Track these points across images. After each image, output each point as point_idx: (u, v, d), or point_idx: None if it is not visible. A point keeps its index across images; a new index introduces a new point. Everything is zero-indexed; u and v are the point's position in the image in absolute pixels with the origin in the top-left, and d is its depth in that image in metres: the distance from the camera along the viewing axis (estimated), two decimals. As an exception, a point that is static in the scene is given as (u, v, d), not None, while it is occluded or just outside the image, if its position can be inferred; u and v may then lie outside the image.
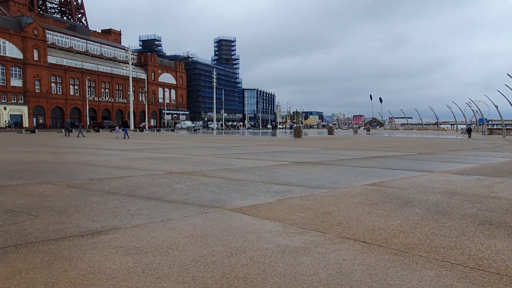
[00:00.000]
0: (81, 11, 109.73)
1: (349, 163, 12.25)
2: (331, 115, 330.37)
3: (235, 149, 18.18)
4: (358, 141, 29.33)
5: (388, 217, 4.80)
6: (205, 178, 8.33)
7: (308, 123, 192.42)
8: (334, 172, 9.63)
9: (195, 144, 22.92)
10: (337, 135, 46.32)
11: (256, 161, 12.29)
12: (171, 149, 17.63)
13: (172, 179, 7.93)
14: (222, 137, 36.11)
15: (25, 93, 66.51)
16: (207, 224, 4.48)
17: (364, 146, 22.53)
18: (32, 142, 23.57)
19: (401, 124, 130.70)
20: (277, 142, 26.81)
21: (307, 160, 12.86)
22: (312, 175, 9.08)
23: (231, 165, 11.16)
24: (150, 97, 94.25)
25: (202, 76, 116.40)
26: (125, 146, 19.89)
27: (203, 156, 13.88)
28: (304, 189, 7.04)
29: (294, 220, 4.63)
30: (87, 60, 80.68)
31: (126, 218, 4.76)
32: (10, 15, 70.43)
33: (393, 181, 8.00)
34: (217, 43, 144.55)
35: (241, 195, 6.35)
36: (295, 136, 34.66)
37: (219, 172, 9.45)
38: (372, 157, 14.39)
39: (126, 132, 31.43)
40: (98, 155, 14.19)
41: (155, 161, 11.80)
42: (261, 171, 9.76)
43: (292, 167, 10.79)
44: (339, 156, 14.90)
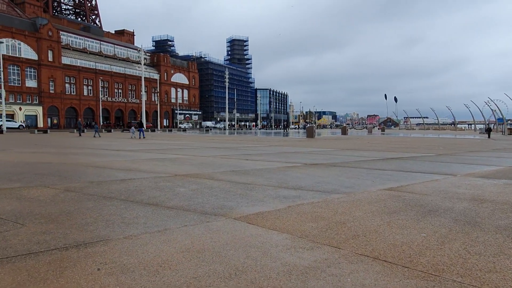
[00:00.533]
0: (95, 13, 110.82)
1: (364, 165, 11.67)
2: (345, 115, 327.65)
3: (246, 150, 17.72)
4: (373, 141, 28.58)
5: (411, 228, 4.26)
6: (211, 181, 7.88)
7: (321, 123, 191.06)
8: (348, 175, 9.08)
9: (205, 144, 22.54)
10: (351, 135, 45.50)
11: (266, 163, 11.80)
12: (179, 150, 17.27)
13: (176, 183, 7.50)
14: (233, 137, 35.71)
15: (40, 93, 67.32)
16: (207, 235, 4.02)
17: (380, 146, 21.84)
18: (42, 142, 23.52)
19: (417, 124, 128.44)
20: (289, 142, 26.27)
21: (320, 162, 12.32)
22: (325, 178, 8.55)
23: (239, 167, 10.69)
24: (163, 97, 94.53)
25: (214, 76, 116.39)
26: (134, 147, 19.62)
27: (211, 157, 13.45)
28: (316, 194, 6.52)
29: (304, 232, 4.13)
30: (101, 60, 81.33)
31: (119, 227, 4.33)
32: (26, 16, 71.39)
33: (413, 186, 7.42)
34: (229, 43, 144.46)
35: (248, 201, 5.87)
36: (307, 136, 34.04)
37: (227, 174, 8.99)
38: (388, 159, 13.76)
39: (141, 132, 31.41)
40: (104, 156, 13.89)
41: (161, 163, 11.42)
42: (271, 173, 9.27)
43: (303, 170, 10.28)
44: (354, 157, 14.31)
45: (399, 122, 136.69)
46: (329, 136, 43.02)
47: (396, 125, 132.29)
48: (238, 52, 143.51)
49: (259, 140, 29.70)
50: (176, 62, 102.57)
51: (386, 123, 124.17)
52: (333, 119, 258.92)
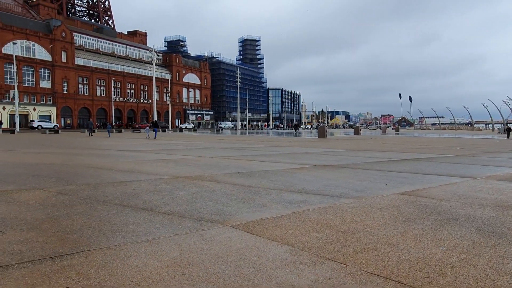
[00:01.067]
0: (108, 14, 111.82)
1: (377, 166, 11.14)
2: (358, 114, 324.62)
3: (254, 151, 17.31)
4: (386, 141, 27.87)
5: (428, 240, 3.78)
6: (213, 184, 7.49)
7: (334, 123, 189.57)
8: (359, 178, 8.59)
9: (214, 145, 22.21)
10: (364, 135, 44.69)
11: (274, 164, 11.37)
12: (186, 150, 16.95)
13: (176, 185, 7.13)
14: (243, 138, 35.34)
15: (54, 94, 68.08)
16: (199, 246, 3.61)
17: (394, 147, 21.18)
18: (50, 143, 23.50)
19: (432, 124, 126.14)
20: (300, 142, 25.77)
21: (330, 163, 11.83)
22: (334, 181, 8.09)
23: (245, 168, 10.28)
24: (175, 97, 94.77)
25: (226, 76, 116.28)
26: (141, 147, 19.39)
27: (218, 158, 13.07)
28: (323, 198, 6.07)
29: (307, 243, 3.69)
30: (113, 61, 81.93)
31: (105, 236, 3.96)
32: (40, 18, 72.31)
33: (429, 190, 6.90)
34: (241, 43, 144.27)
35: (250, 206, 5.46)
36: (319, 136, 33.46)
37: (231, 176, 8.59)
38: (402, 160, 13.19)
39: (156, 132, 31.38)
40: (108, 156, 13.64)
41: (165, 164, 11.08)
42: (277, 175, 8.84)
43: (312, 171, 9.81)
44: (366, 158, 13.76)
45: (414, 122, 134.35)
46: (341, 136, 42.32)
47: (411, 125, 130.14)
48: (250, 52, 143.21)
49: (269, 140, 29.26)
50: (188, 62, 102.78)
51: (400, 123, 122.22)
52: (346, 119, 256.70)
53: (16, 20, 64.79)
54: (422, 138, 37.84)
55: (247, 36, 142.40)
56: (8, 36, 61.18)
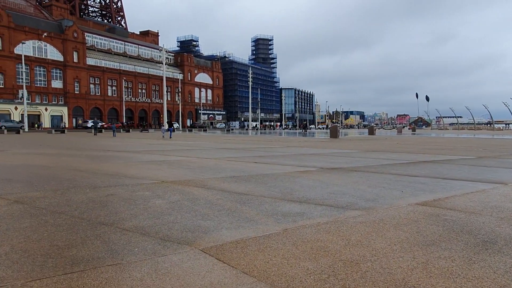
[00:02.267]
0: (121, 14, 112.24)
1: (392, 169, 10.03)
2: (373, 114, 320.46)
3: (259, 151, 16.32)
4: (402, 142, 26.54)
5: (461, 277, 2.73)
6: (200, 190, 6.55)
7: (348, 123, 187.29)
8: (371, 183, 7.53)
9: (219, 145, 21.30)
10: (378, 136, 43.23)
11: (276, 167, 10.37)
12: (187, 151, 16.07)
13: (157, 192, 6.19)
14: (252, 138, 34.38)
15: (65, 94, 68.32)
16: (145, 284, 2.65)
17: (410, 147, 19.92)
18: (50, 143, 22.95)
19: (450, 124, 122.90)
20: (310, 143, 24.67)
21: (339, 166, 10.77)
22: (341, 187, 7.05)
23: (243, 171, 9.32)
24: (187, 97, 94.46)
25: (238, 76, 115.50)
26: (141, 148, 18.61)
27: (216, 160, 12.13)
28: (326, 210, 5.06)
29: (292, 281, 2.69)
30: (125, 61, 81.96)
31: (28, 265, 3.03)
32: (52, 19, 72.70)
33: (454, 199, 5.81)
34: (254, 42, 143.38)
35: (234, 219, 4.48)
36: (331, 136, 32.26)
37: (223, 181, 7.63)
38: (420, 162, 12.03)
39: (171, 131, 31.50)
40: (98, 158, 12.84)
41: (156, 166, 10.19)
42: (276, 180, 7.84)
43: (318, 175, 8.79)
44: (380, 160, 12.64)
45: (431, 122, 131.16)
46: (355, 137, 40.96)
47: (428, 125, 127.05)
48: (262, 52, 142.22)
49: (278, 140, 28.23)
50: (200, 62, 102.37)
51: (417, 123, 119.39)
52: (361, 119, 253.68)
53: (28, 21, 65.19)
54: (440, 138, 36.27)
55: (260, 35, 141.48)
56: (20, 36, 61.52)
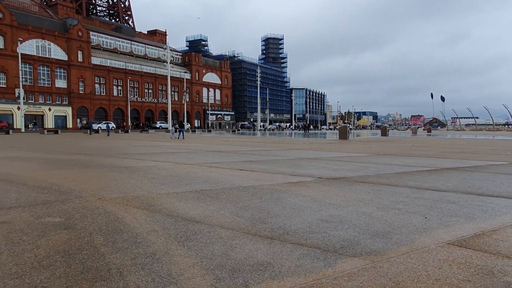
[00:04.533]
0: (128, 13, 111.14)
1: (409, 180, 7.69)
2: (386, 115, 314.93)
3: (253, 155, 14.04)
4: (418, 144, 23.91)
5: None
6: (138, 214, 4.42)
7: (360, 123, 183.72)
8: (382, 202, 5.23)
9: (214, 147, 19.09)
10: (392, 137, 40.43)
11: (264, 176, 8.13)
12: (170, 155, 13.92)
13: (72, 218, 3.95)
14: (253, 139, 32.07)
15: (69, 94, 67.04)
16: None
17: (428, 150, 17.38)
18: (27, 144, 21.07)
19: (466, 125, 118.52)
20: (315, 145, 22.27)
21: (343, 175, 8.44)
22: (340, 208, 4.79)
23: (218, 183, 7.14)
24: (194, 97, 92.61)
25: (248, 76, 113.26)
26: (123, 150, 16.50)
27: (195, 166, 9.91)
28: (306, 257, 2.82)
29: None
30: (131, 60, 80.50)
31: None
32: (57, 17, 71.57)
33: (506, 232, 3.42)
34: (264, 41, 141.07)
35: (146, 278, 2.21)
36: (340, 137, 29.76)
37: (181, 199, 5.48)
38: (443, 169, 9.61)
39: (182, 132, 30.77)
40: (54, 163, 10.73)
41: (114, 174, 8.10)
42: (254, 197, 5.65)
43: (312, 189, 6.54)
44: (393, 166, 10.24)
45: (446, 122, 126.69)
46: (366, 138, 38.27)
47: (443, 125, 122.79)
48: (273, 51, 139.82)
49: (282, 142, 25.87)
50: (208, 62, 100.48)
51: (431, 124, 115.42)
52: (374, 119, 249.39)
53: (32, 19, 64.06)
54: (458, 139, 33.40)
55: (270, 34, 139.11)
56: (23, 35, 60.39)
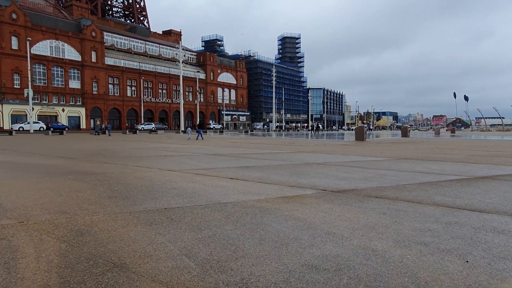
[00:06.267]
0: (143, 14, 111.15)
1: (437, 193, 6.02)
2: (407, 115, 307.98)
3: (254, 159, 12.45)
4: (443, 146, 21.83)
5: None
6: (39, 248, 2.81)
7: (380, 124, 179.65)
8: (401, 231, 3.69)
9: (216, 150, 17.61)
10: (413, 138, 38.08)
11: (254, 187, 6.63)
12: (161, 158, 12.49)
13: None
14: (262, 141, 30.45)
15: (83, 94, 66.86)
16: None
17: (454, 154, 15.42)
18: (22, 146, 20.06)
19: (491, 125, 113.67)
20: (328, 147, 20.51)
21: (352, 185, 6.81)
22: (340, 242, 3.26)
23: (192, 197, 5.76)
24: (209, 98, 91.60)
25: (264, 75, 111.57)
26: (115, 153, 15.20)
27: (178, 174, 8.43)
28: None
29: None
30: (145, 61, 79.98)
31: None
32: (72, 18, 71.58)
33: None
34: (281, 41, 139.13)
35: None
36: (356, 139, 27.83)
37: (130, 222, 4.09)
38: (477, 178, 7.84)
39: (200, 133, 30.51)
40: (12, 169, 9.41)
41: (75, 185, 6.59)
42: (227, 221, 4.27)
43: (310, 206, 5.03)
44: (416, 174, 8.48)
45: (471, 123, 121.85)
46: (385, 139, 36.11)
47: (467, 126, 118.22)
48: (289, 50, 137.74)
49: (292, 144, 24.18)
50: (223, 61, 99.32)
51: (455, 124, 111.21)
52: (394, 120, 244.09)
53: (46, 20, 64.10)
54: (486, 141, 30.94)
55: (287, 33, 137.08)
56: (37, 36, 60.46)
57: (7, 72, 57.53)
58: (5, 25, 57.16)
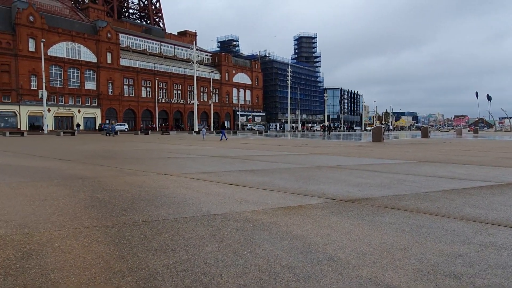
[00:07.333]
0: (159, 15, 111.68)
1: (464, 204, 5.11)
2: (427, 115, 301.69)
3: (261, 162, 11.64)
4: (466, 147, 20.56)
5: None
6: None
7: (399, 124, 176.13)
8: (424, 257, 2.87)
9: (223, 151, 16.87)
10: (434, 139, 36.52)
11: (254, 195, 5.87)
12: (162, 160, 11.80)
13: None
14: (275, 141, 29.59)
15: (98, 96, 67.28)
16: None
17: (480, 156, 14.24)
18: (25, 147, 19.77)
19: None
20: (343, 149, 19.52)
21: (367, 193, 5.94)
22: (346, 273, 2.24)
23: (180, 206, 5.03)
24: (224, 98, 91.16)
25: (279, 76, 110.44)
26: (116, 154, 14.61)
27: (173, 178, 7.70)
28: None
29: None
30: (160, 61, 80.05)
31: None
32: (88, 20, 72.19)
33: None
34: (296, 40, 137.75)
35: None
36: (373, 140, 26.67)
37: (93, 239, 3.15)
38: (510, 185, 6.81)
39: (223, 134, 30.18)
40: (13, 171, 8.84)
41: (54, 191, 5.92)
42: (211, 239, 3.50)
43: (314, 220, 4.28)
44: (439, 180, 7.50)
45: (494, 123, 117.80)
46: (404, 140, 34.72)
47: (490, 126, 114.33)
48: (305, 50, 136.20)
49: (305, 145, 23.25)
50: (238, 62, 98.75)
51: (477, 124, 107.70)
52: (414, 120, 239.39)
53: (62, 22, 64.77)
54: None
55: (303, 33, 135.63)
56: (53, 38, 61.06)
57: (24, 73, 58.27)
58: (22, 27, 57.91)
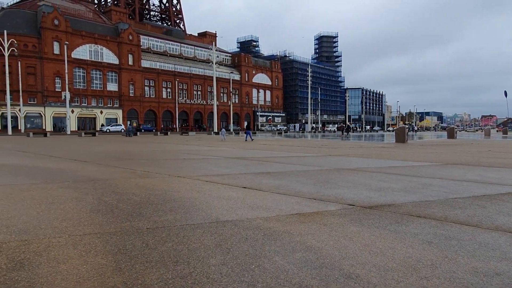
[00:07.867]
0: (179, 17, 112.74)
1: (498, 212, 4.73)
2: (453, 115, 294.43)
3: (277, 164, 11.30)
4: (496, 148, 19.61)
5: None
6: None
7: (423, 124, 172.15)
8: (454, 275, 2.25)
9: (240, 152, 16.60)
10: (460, 139, 35.20)
11: (268, 199, 5.56)
12: (178, 162, 11.61)
13: None
14: (294, 142, 29.13)
15: (120, 97, 68.37)
16: None
17: (511, 157, 13.46)
18: (41, 148, 19.98)
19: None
20: (364, 150, 18.93)
21: (389, 199, 5.52)
22: None
23: (189, 211, 4.73)
24: (244, 99, 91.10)
25: (300, 76, 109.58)
26: (129, 155, 14.54)
27: (186, 180, 7.45)
28: None
29: None
30: (180, 62, 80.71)
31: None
32: (110, 23, 73.49)
33: None
34: (317, 40, 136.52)
35: None
36: (397, 141, 25.88)
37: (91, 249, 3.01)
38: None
39: (249, 134, 30.18)
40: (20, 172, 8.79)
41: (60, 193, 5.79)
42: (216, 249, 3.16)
43: (330, 229, 3.90)
44: (468, 184, 6.98)
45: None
46: (429, 141, 33.62)
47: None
48: (326, 50, 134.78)
49: (325, 146, 22.73)
50: (258, 62, 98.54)
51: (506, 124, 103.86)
52: (439, 120, 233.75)
53: (85, 25, 66.20)
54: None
55: (324, 32, 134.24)
56: (77, 40, 62.42)
57: (49, 76, 59.79)
58: (47, 30, 59.45)
